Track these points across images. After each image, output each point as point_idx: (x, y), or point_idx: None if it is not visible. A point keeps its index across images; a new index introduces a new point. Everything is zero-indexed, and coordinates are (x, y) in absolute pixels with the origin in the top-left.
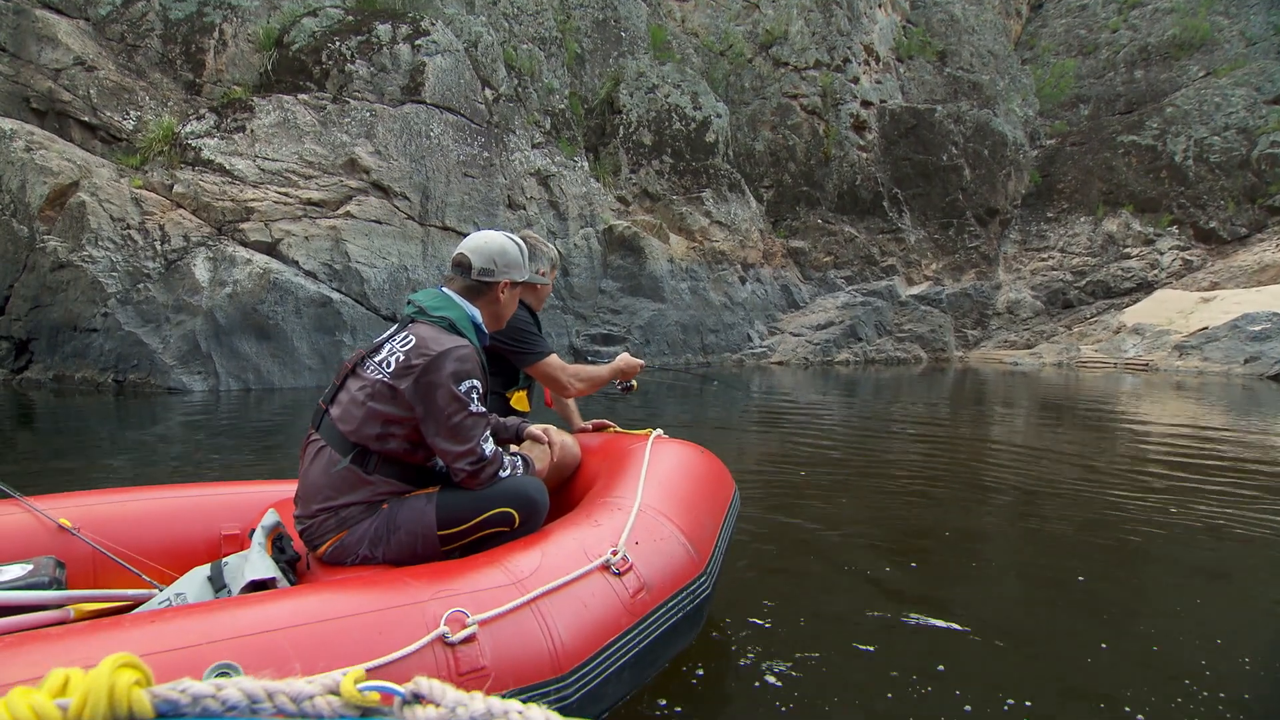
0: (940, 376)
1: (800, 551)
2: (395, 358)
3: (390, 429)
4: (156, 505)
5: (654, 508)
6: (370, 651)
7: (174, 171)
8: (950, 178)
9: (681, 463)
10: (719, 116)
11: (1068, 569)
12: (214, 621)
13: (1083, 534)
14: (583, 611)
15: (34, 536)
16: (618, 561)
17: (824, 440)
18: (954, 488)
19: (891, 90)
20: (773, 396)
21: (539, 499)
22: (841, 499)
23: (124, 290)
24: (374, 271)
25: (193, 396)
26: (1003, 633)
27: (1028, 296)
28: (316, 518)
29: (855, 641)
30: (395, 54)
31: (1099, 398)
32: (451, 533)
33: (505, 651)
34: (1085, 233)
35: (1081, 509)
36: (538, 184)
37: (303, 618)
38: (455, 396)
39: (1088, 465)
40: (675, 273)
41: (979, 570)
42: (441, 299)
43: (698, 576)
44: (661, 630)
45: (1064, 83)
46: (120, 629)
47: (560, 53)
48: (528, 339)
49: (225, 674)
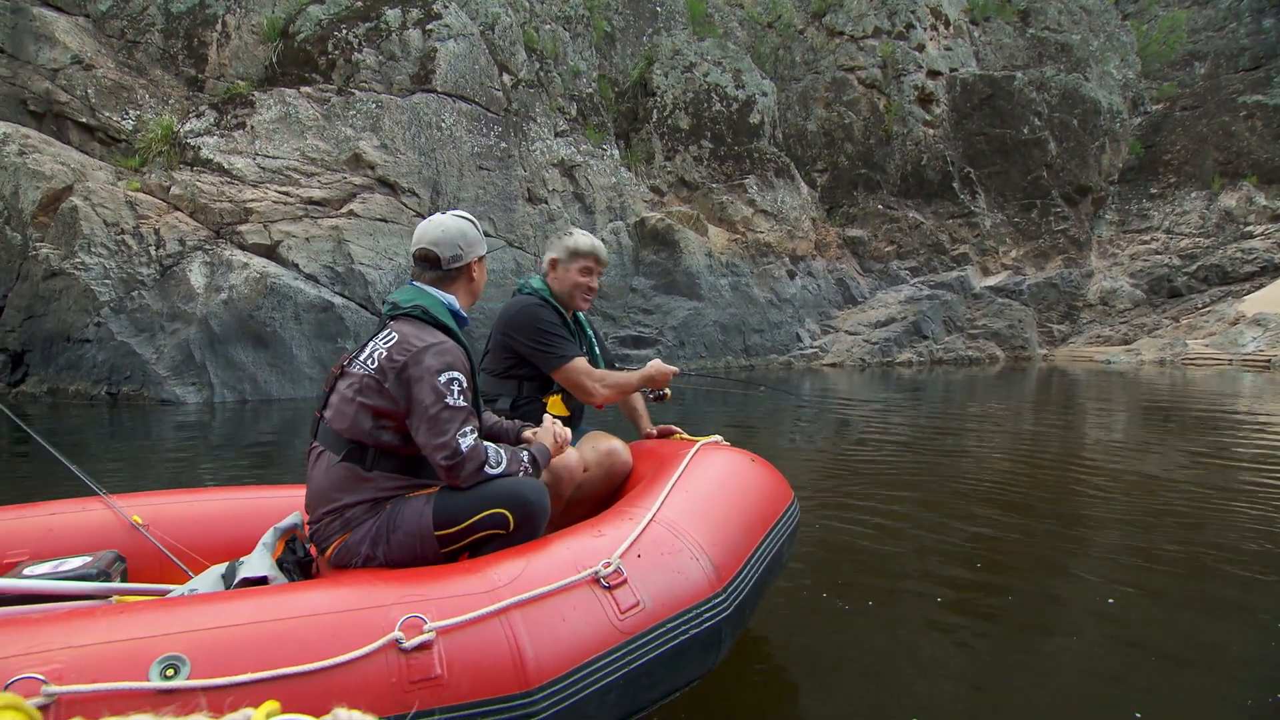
0: (1020, 377)
1: (857, 585)
2: (379, 354)
3: (382, 421)
4: (221, 505)
5: (669, 519)
6: (319, 653)
7: (172, 172)
8: (1032, 153)
9: (722, 472)
10: (764, 95)
11: (1195, 622)
12: (174, 616)
13: (1209, 572)
14: (559, 625)
15: (109, 531)
16: (609, 574)
17: (884, 451)
18: (1041, 513)
19: (964, 57)
20: (827, 400)
21: (535, 500)
22: (905, 515)
23: (117, 298)
24: (379, 273)
25: (186, 409)
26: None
27: (1125, 285)
28: (322, 521)
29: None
30: (405, 40)
31: (1215, 400)
32: (448, 533)
33: (464, 661)
34: (1197, 210)
35: (1207, 536)
36: (561, 175)
37: (262, 616)
38: (435, 389)
39: (1209, 484)
40: (714, 268)
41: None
42: (413, 292)
43: (712, 597)
44: (660, 652)
45: (1174, 38)
46: (87, 619)
47: (588, 32)
48: (549, 342)
49: (172, 666)
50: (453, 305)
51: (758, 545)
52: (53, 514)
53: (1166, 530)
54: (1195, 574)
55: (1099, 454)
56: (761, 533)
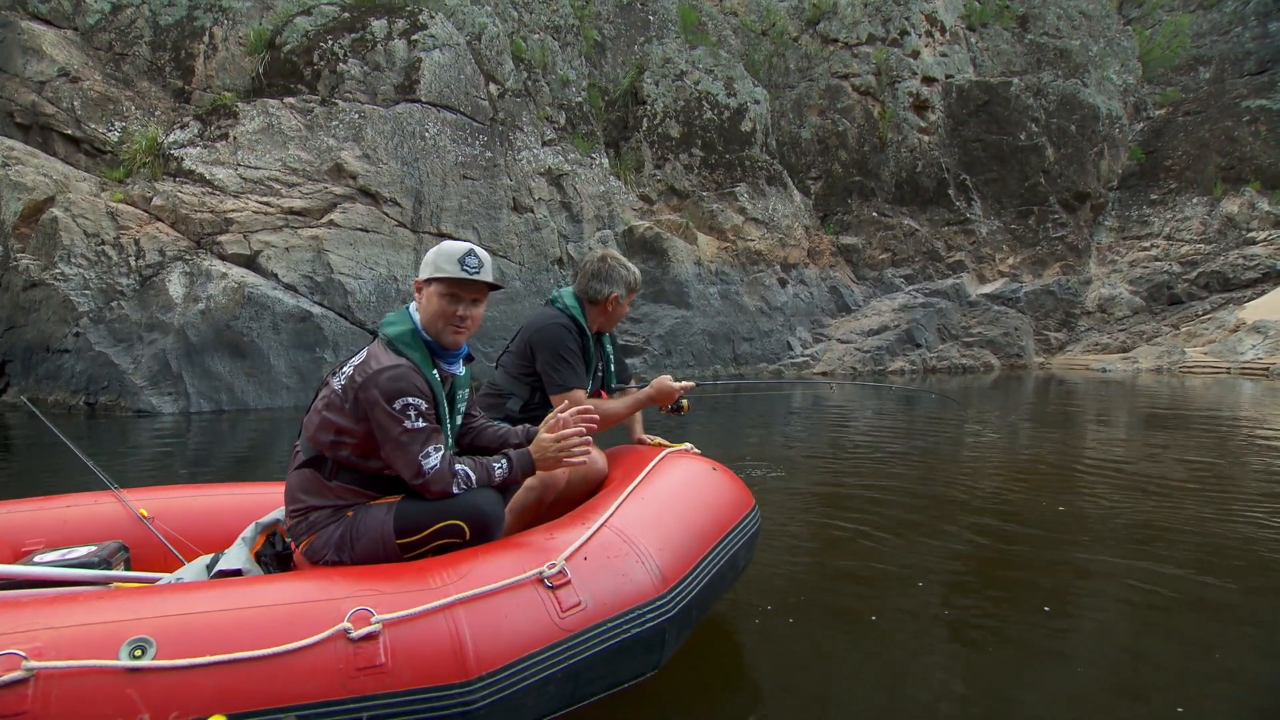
0: (1016, 386)
1: (855, 596)
2: (347, 372)
3: (341, 438)
4: (224, 500)
5: (619, 525)
6: (274, 640)
7: (154, 183)
8: (1030, 159)
9: (680, 480)
10: (757, 103)
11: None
12: (147, 603)
13: (1213, 583)
14: (501, 621)
15: (118, 523)
16: (553, 575)
17: (877, 457)
18: (1036, 521)
19: (960, 63)
20: (819, 411)
21: (489, 511)
22: (902, 525)
23: (96, 309)
24: (359, 283)
25: (162, 419)
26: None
27: (1124, 292)
28: (292, 518)
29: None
30: (390, 51)
31: (1215, 408)
32: (409, 541)
33: (407, 651)
34: (1198, 216)
35: (1210, 550)
36: (548, 184)
37: (226, 604)
38: (390, 414)
39: (1213, 493)
40: (703, 276)
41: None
42: (397, 316)
43: (655, 599)
44: (600, 650)
45: (1178, 43)
46: (70, 603)
47: (577, 41)
48: (560, 369)
49: (140, 647)
50: (421, 331)
51: (708, 551)
52: (69, 506)
53: (1170, 540)
54: (1201, 586)
55: (1095, 463)
56: (714, 539)
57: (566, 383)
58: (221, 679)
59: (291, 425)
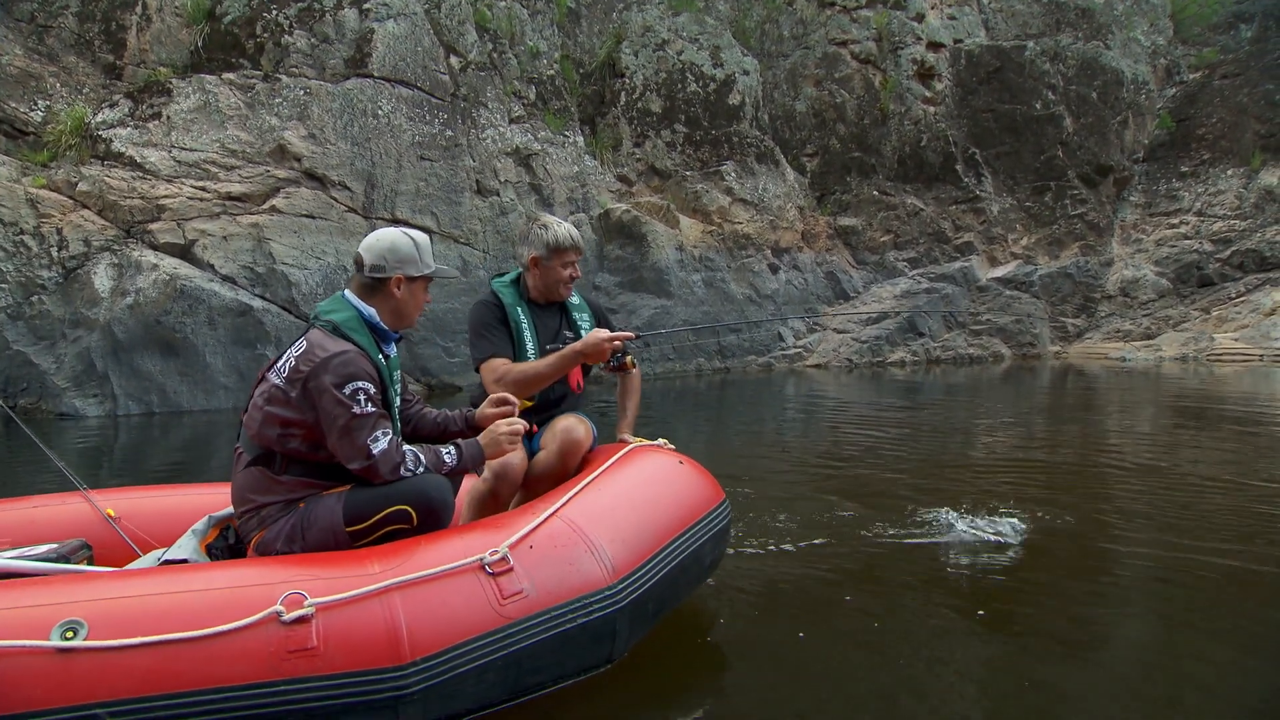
0: (1028, 377)
1: (865, 595)
2: (289, 364)
3: (289, 430)
4: (190, 500)
5: (571, 515)
6: (205, 622)
7: (80, 167)
8: (1046, 130)
9: (642, 473)
10: (746, 74)
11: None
12: (82, 588)
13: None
14: (438, 606)
15: (83, 522)
16: (494, 562)
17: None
18: (1054, 523)
19: (971, 27)
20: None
21: (436, 497)
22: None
23: (14, 304)
24: (304, 274)
25: (87, 423)
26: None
27: (1149, 274)
28: (242, 518)
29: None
30: (340, 21)
31: (1251, 400)
32: (358, 529)
33: (340, 635)
34: (1233, 189)
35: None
36: (516, 165)
37: (162, 589)
38: (339, 400)
39: (1249, 494)
40: (685, 263)
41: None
42: (334, 302)
43: (603, 589)
44: (543, 638)
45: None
46: (8, 588)
47: (549, 9)
48: (473, 343)
49: (72, 629)
50: (373, 318)
51: (667, 544)
52: (36, 506)
53: (1199, 544)
54: (1232, 596)
55: (1119, 461)
56: (673, 532)
57: (481, 355)
58: (151, 660)
59: (230, 427)
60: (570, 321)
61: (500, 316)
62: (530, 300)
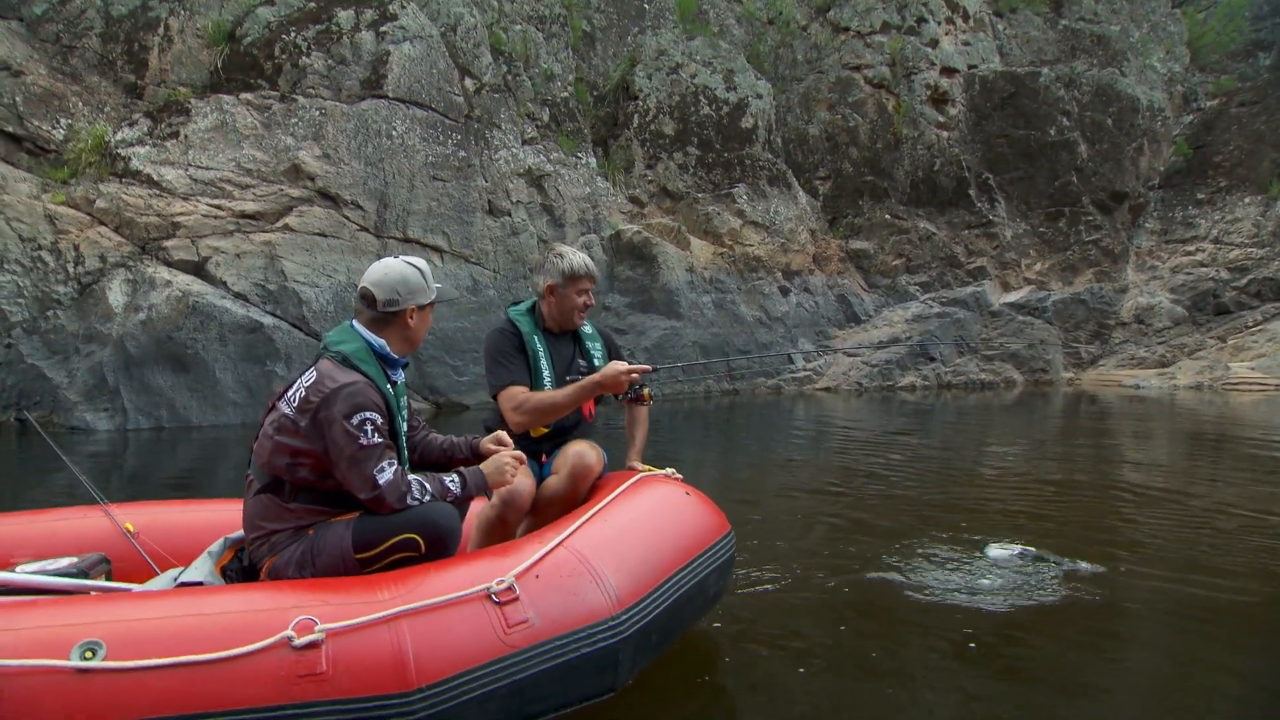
0: (1041, 404)
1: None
2: (299, 394)
3: (298, 460)
4: (207, 515)
5: (577, 545)
6: (219, 645)
7: (99, 185)
8: (1060, 156)
9: (649, 503)
10: (759, 97)
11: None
12: (103, 609)
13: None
14: (444, 634)
15: (103, 536)
16: (500, 591)
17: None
18: (1068, 548)
19: (985, 52)
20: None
21: (444, 525)
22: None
23: (30, 319)
24: (315, 291)
25: (96, 436)
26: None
27: (1165, 301)
28: (254, 544)
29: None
30: (356, 43)
31: (1268, 429)
32: (367, 556)
33: (349, 660)
34: (1250, 217)
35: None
36: (528, 185)
37: (178, 612)
38: (347, 431)
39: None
40: (696, 284)
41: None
42: (342, 333)
43: (607, 619)
44: (547, 667)
45: (1233, 26)
46: (30, 608)
47: (564, 32)
48: (490, 371)
49: (91, 649)
50: (382, 349)
51: (671, 574)
52: (58, 520)
53: (1213, 580)
54: (1246, 633)
55: (1134, 489)
56: (679, 563)
57: (499, 382)
58: (168, 682)
59: (239, 444)
60: (584, 350)
61: (518, 344)
62: (545, 329)
